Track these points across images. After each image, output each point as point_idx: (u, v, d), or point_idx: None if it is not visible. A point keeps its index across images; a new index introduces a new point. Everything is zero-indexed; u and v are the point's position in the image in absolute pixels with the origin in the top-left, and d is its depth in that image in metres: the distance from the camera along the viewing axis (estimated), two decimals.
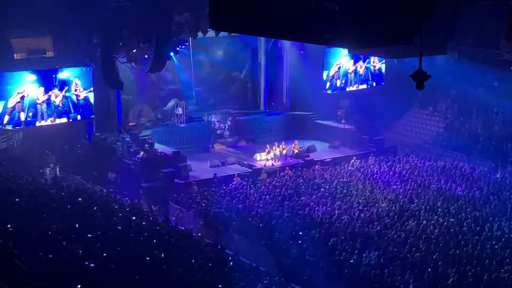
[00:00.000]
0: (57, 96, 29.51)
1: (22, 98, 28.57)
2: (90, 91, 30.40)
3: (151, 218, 23.81)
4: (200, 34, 31.93)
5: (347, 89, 36.85)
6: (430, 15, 8.35)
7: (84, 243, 18.48)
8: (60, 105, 29.68)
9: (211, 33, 32.39)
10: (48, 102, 29.30)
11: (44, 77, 29.23)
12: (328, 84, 35.93)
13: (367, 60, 36.65)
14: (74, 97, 30.07)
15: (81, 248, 17.93)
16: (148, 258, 18.26)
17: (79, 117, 30.43)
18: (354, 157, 33.32)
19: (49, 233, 18.95)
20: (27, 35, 30.21)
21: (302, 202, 25.93)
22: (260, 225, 23.67)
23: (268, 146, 34.15)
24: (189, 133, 35.52)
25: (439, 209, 24.88)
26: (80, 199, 24.15)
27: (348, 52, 32.32)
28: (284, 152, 33.70)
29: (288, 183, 28.84)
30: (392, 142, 37.13)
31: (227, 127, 37.45)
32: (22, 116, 28.71)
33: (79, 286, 15.64)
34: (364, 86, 37.27)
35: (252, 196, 26.93)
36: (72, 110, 30.09)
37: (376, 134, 36.53)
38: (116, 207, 24.13)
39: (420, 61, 9.51)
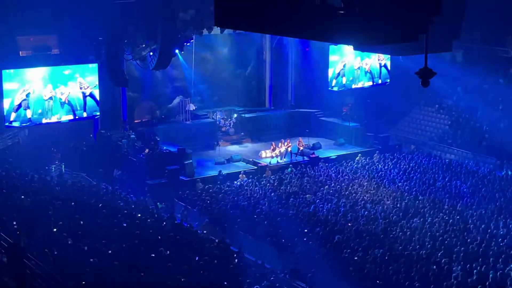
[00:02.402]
0: (62, 94, 29.56)
1: (28, 95, 28.65)
2: (95, 87, 30.45)
3: (156, 215, 23.84)
4: (205, 31, 31.89)
5: (353, 86, 36.77)
6: (436, 12, 8.31)
7: (89, 240, 18.53)
8: (66, 102, 29.74)
9: (216, 30, 32.35)
10: (54, 99, 29.37)
11: (50, 74, 29.30)
12: (334, 81, 35.86)
13: (373, 58, 36.54)
14: (80, 95, 30.12)
15: (86, 245, 17.97)
16: (153, 255, 18.28)
17: (84, 114, 30.51)
18: (359, 155, 33.27)
19: (55, 230, 19.00)
20: (32, 32, 30.25)
21: (307, 199, 25.91)
22: (265, 222, 23.67)
23: (273, 143, 34.12)
24: (194, 130, 35.48)
25: (445, 207, 24.83)
26: (85, 196, 24.21)
27: (353, 49, 32.27)
28: (289, 149, 33.67)
29: (293, 180, 28.82)
30: (397, 140, 37.09)
31: (232, 124, 37.44)
32: (28, 114, 28.79)
33: (84, 282, 15.69)
34: (370, 83, 37.20)
35: (257, 193, 26.93)
36: (77, 107, 30.15)
37: (381, 132, 36.47)
38: (121, 204, 24.18)
39: (425, 58, 9.47)
